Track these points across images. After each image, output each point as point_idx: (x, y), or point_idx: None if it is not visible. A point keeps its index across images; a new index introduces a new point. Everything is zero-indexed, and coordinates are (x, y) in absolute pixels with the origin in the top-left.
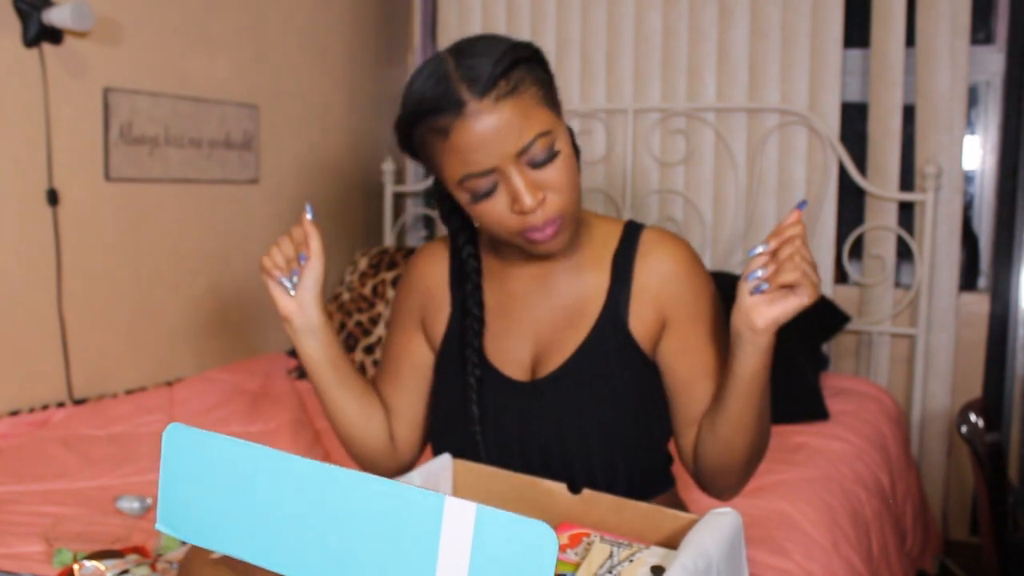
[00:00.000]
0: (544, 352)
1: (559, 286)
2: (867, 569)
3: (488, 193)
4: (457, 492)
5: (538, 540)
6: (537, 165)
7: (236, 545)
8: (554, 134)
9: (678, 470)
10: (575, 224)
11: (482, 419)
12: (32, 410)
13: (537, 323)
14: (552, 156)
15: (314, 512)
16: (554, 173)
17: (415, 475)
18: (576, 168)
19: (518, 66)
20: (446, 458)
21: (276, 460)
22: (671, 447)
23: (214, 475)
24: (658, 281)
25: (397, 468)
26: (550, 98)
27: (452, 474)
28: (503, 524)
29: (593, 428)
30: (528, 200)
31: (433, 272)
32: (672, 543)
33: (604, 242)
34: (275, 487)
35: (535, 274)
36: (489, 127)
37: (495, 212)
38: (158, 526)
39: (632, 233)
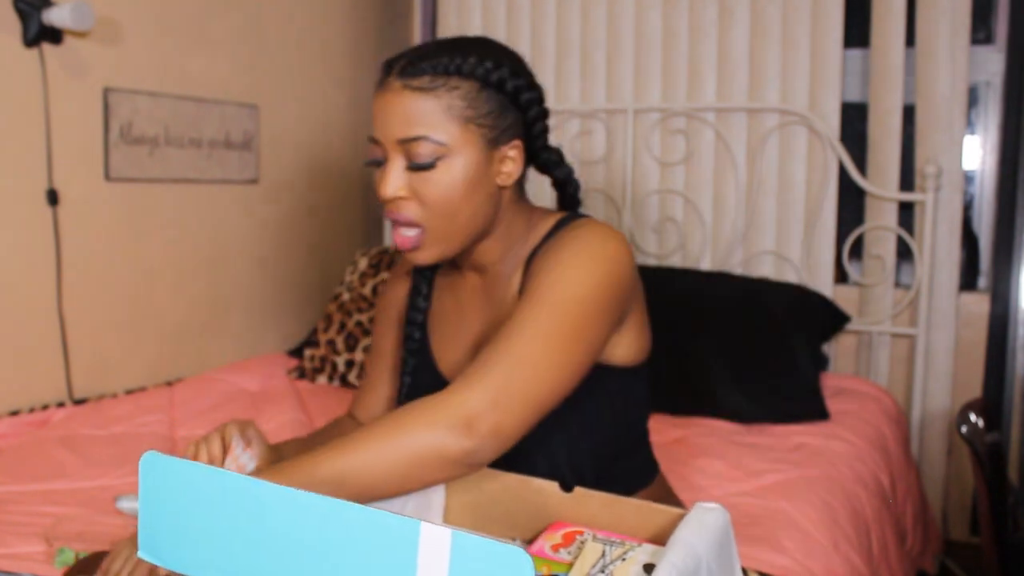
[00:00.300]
0: None
1: (496, 294)
2: (867, 569)
3: (378, 163)
4: (450, 491)
5: (514, 565)
6: (415, 168)
7: (216, 573)
8: (449, 149)
9: (673, 469)
10: (446, 247)
11: None
12: (32, 410)
13: (476, 333)
14: (432, 166)
15: (291, 539)
16: (427, 184)
17: None
18: (463, 194)
19: (458, 76)
20: None
21: (252, 488)
22: (647, 436)
23: (192, 503)
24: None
25: None
26: (476, 121)
27: None
28: (479, 549)
29: (531, 441)
30: (384, 189)
31: (408, 283)
32: (665, 539)
33: (533, 243)
34: (252, 515)
35: (476, 283)
36: (387, 103)
37: (376, 183)
38: (140, 554)
39: (559, 227)
